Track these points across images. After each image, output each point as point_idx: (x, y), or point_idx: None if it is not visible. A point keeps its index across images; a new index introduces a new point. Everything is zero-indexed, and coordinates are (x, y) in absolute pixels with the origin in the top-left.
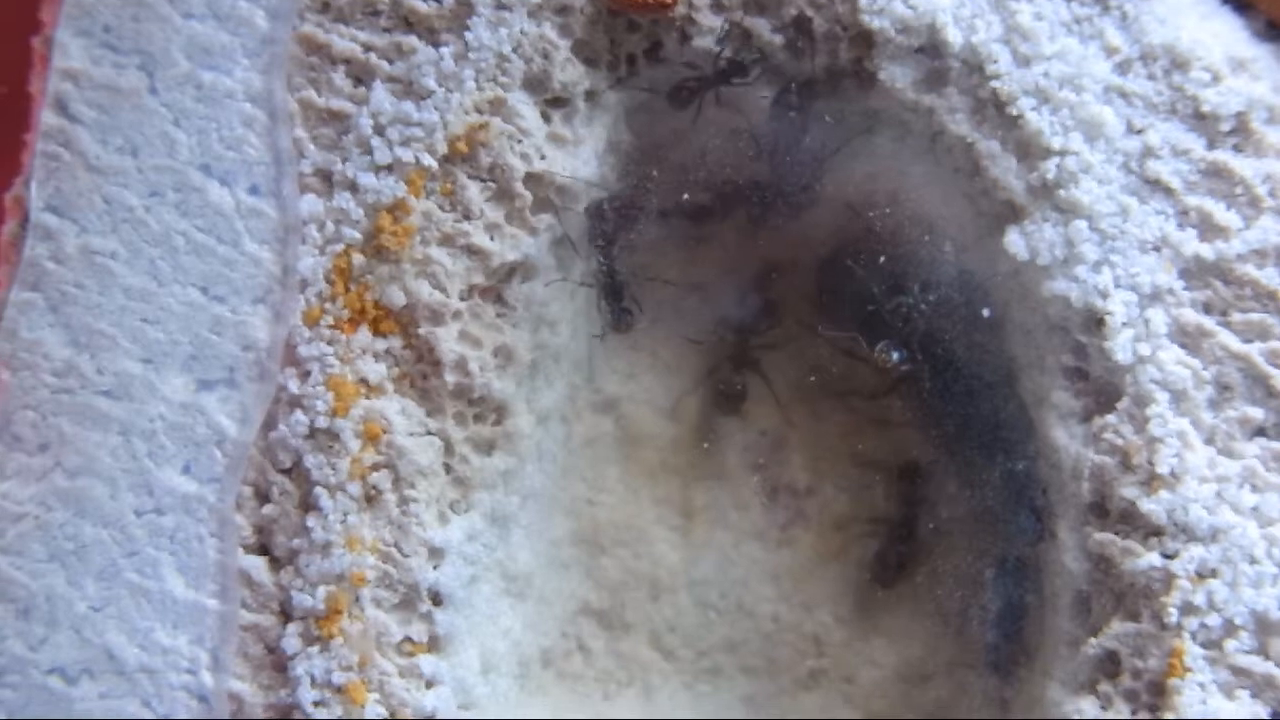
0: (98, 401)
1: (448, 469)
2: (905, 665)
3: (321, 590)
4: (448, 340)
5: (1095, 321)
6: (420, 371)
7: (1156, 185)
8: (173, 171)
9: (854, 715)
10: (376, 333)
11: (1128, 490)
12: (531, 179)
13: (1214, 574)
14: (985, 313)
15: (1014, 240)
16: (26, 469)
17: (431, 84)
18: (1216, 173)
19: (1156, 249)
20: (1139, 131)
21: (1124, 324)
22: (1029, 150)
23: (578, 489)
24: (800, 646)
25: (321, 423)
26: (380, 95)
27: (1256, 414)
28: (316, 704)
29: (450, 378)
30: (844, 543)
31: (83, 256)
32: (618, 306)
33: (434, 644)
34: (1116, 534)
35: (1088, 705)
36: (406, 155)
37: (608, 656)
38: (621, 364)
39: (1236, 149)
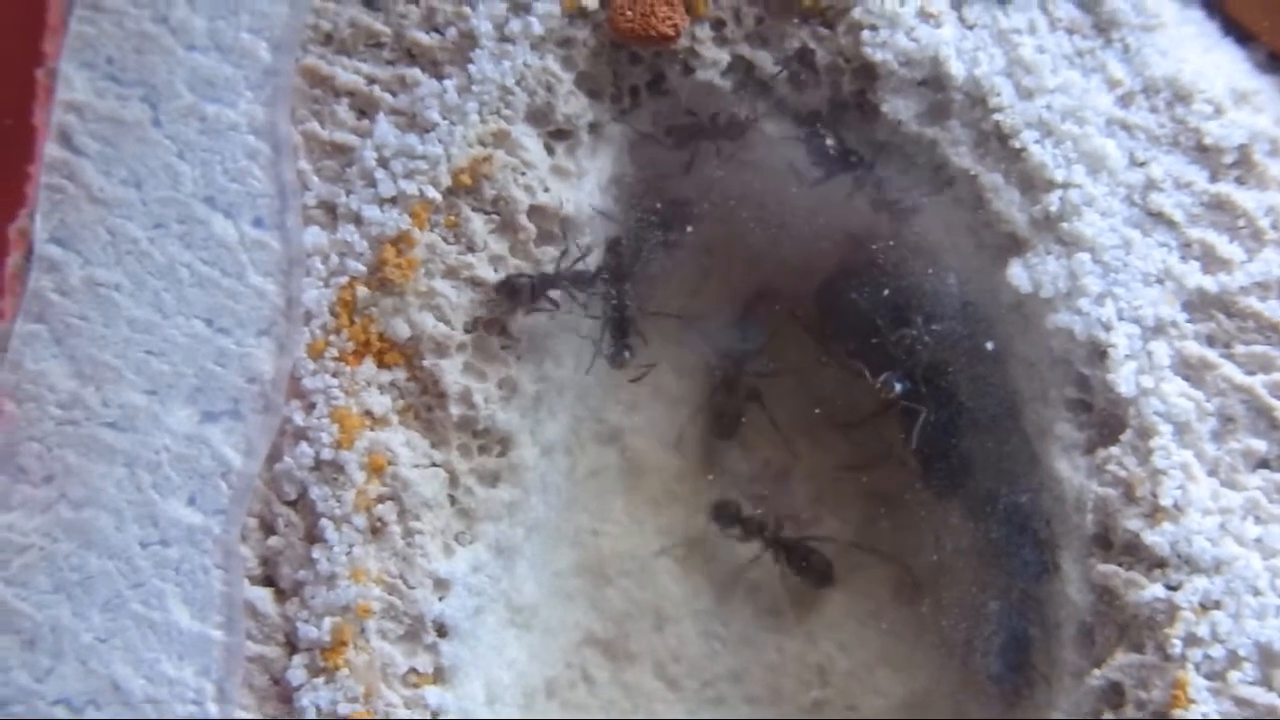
0: (103, 433)
1: (453, 500)
2: (910, 695)
3: (327, 622)
4: (452, 372)
5: (1098, 354)
6: (425, 403)
7: (1159, 218)
8: (177, 204)
9: None
10: (381, 365)
11: (1131, 522)
12: (535, 211)
13: (1218, 605)
14: (989, 345)
15: (1017, 273)
16: (31, 500)
17: (435, 116)
18: (1219, 205)
19: (1160, 281)
20: (1141, 164)
21: (1127, 356)
22: (1032, 183)
23: (582, 520)
24: (804, 676)
25: (326, 454)
26: (384, 128)
27: (1260, 446)
28: None
29: (455, 410)
30: (847, 572)
31: (87, 288)
32: (621, 342)
33: (439, 675)
34: (1120, 565)
35: None
36: (410, 188)
37: (612, 687)
38: (625, 395)
39: (1239, 181)
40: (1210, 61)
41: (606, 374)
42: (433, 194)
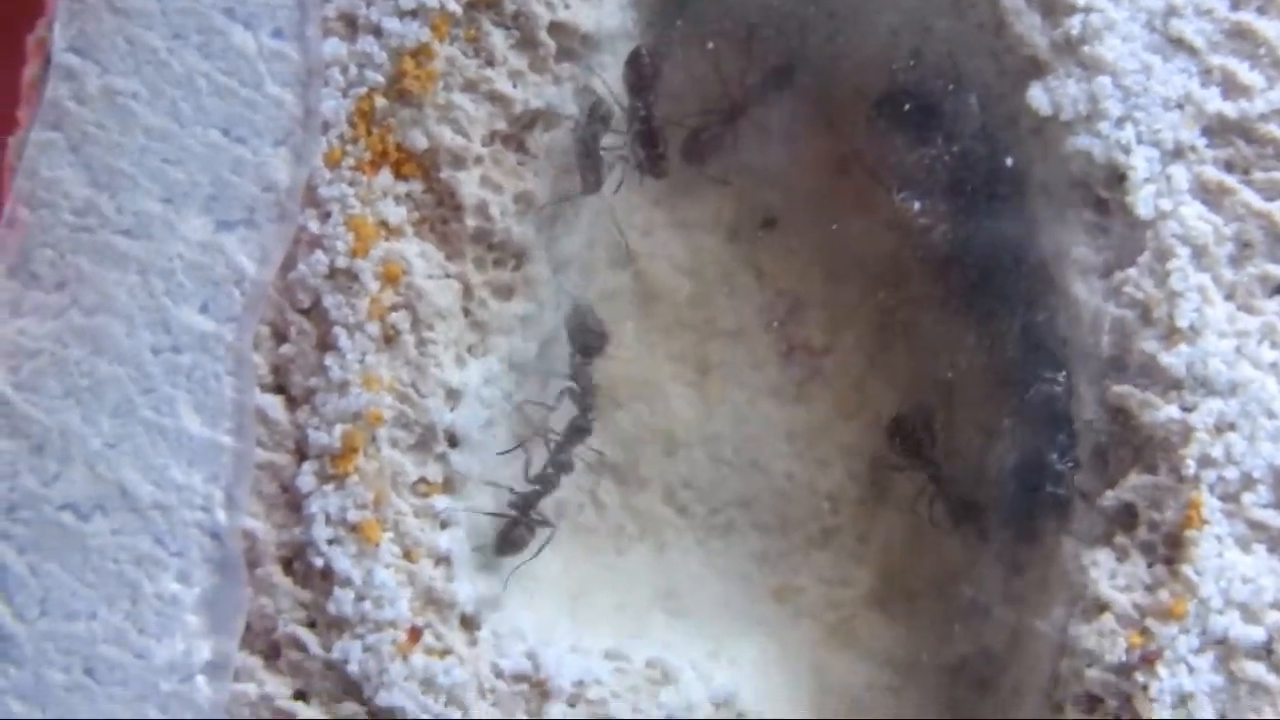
0: (116, 240)
1: (466, 312)
2: (919, 523)
3: (338, 429)
4: (469, 184)
5: (1117, 177)
6: (441, 215)
7: (1180, 44)
8: (196, 14)
9: (866, 574)
10: (398, 175)
11: (1147, 344)
12: (555, 27)
13: (1232, 428)
14: (1008, 161)
15: (1037, 95)
16: (44, 306)
17: None
18: (1240, 34)
19: (1179, 106)
20: None
21: (1146, 179)
22: (1053, 6)
23: None
24: (814, 504)
25: (341, 263)
26: None
27: (1277, 271)
28: (330, 542)
29: (470, 222)
30: (860, 401)
31: (104, 97)
32: (653, 152)
33: (449, 485)
34: (1136, 387)
35: (1104, 558)
36: (431, 0)
37: (621, 511)
38: (640, 220)
39: (1260, 11)
40: None
41: (623, 194)
42: (453, 7)
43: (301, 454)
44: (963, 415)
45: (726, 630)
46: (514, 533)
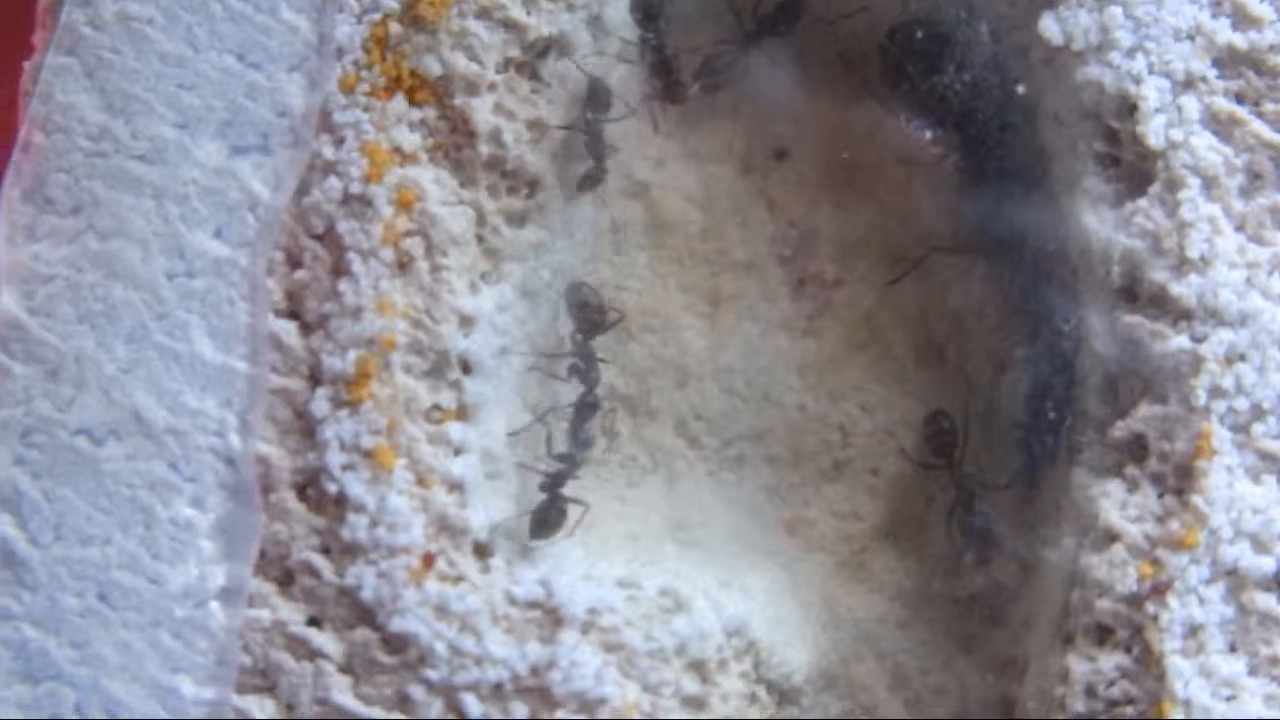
0: (131, 165)
1: (480, 239)
2: None
3: (352, 354)
4: (482, 111)
5: (1128, 107)
6: (455, 142)
7: None
8: None
9: (877, 507)
10: (412, 102)
11: (1158, 274)
12: None
13: (1242, 358)
14: (1019, 89)
15: (1049, 25)
16: (58, 231)
17: None
18: None
19: (1190, 37)
20: None
21: (1157, 110)
22: None
23: (605, 273)
24: (825, 437)
25: (355, 188)
26: None
27: None
28: (344, 467)
29: (484, 149)
30: (871, 334)
31: (119, 22)
32: (670, 79)
33: (462, 412)
34: (1146, 317)
35: (1115, 489)
36: None
37: (633, 442)
38: (652, 150)
39: None
40: None
41: (635, 126)
42: None
43: (315, 380)
44: (973, 345)
45: (738, 562)
46: (549, 514)
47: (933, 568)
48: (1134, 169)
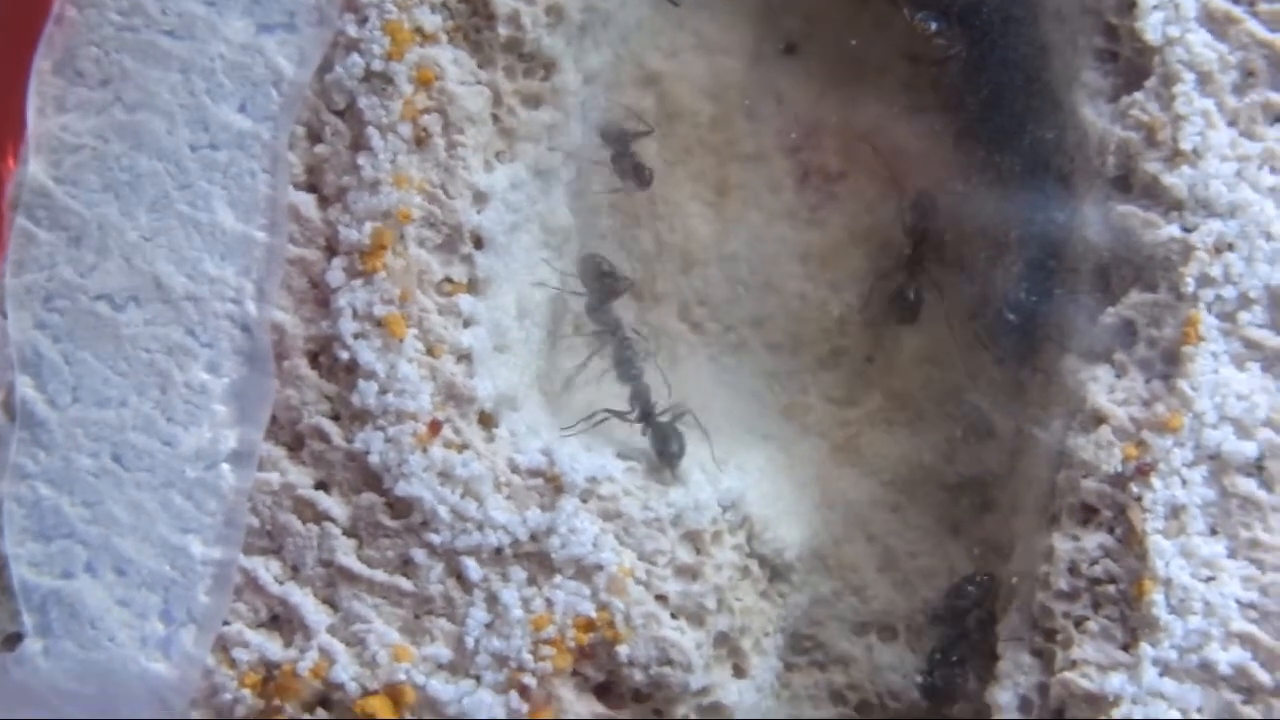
0: (160, 40)
1: (495, 119)
2: (925, 348)
3: (368, 225)
4: None
5: (1127, 4)
6: (474, 24)
7: None
8: None
9: (872, 394)
10: None
11: (1151, 165)
12: None
13: (1231, 248)
14: None
15: None
16: (87, 102)
17: None
18: None
19: None
20: None
21: (1154, 6)
22: None
23: None
24: (824, 325)
25: (377, 65)
26: None
27: (1278, 100)
28: (356, 335)
29: (503, 31)
30: (873, 225)
31: None
32: None
33: (473, 285)
34: (1138, 207)
35: (1103, 373)
36: None
37: (637, 325)
38: (665, 41)
39: None
40: None
41: (649, 17)
42: None
43: (331, 250)
44: (971, 229)
45: (735, 442)
46: (669, 442)
47: (925, 453)
48: (1131, 64)
